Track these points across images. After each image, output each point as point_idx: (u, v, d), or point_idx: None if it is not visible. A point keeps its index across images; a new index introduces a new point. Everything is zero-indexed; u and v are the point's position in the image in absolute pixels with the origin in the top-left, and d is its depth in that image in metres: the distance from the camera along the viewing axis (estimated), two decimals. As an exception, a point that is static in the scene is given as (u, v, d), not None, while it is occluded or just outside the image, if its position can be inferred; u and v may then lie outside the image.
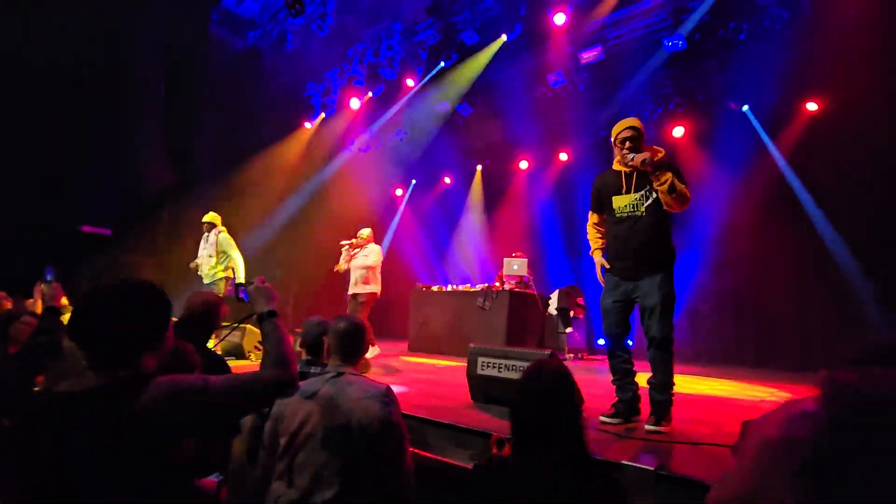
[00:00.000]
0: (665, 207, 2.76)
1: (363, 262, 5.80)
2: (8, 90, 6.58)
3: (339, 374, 1.84)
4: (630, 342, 3.11)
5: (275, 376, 1.30)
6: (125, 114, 7.92)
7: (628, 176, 2.87)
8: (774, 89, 6.72)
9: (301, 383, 1.82)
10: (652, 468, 2.02)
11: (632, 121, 2.92)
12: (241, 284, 1.62)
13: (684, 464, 2.15)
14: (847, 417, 0.39)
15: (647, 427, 2.66)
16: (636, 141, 2.84)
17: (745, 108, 7.30)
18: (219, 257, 5.65)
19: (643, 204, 2.80)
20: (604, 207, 3.01)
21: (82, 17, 7.07)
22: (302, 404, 1.75)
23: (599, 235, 3.13)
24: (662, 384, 2.72)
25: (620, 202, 2.88)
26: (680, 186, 2.70)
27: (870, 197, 6.09)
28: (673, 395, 2.76)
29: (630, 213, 2.83)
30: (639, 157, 2.75)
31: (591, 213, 3.16)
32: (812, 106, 6.72)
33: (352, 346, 1.91)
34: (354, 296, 5.80)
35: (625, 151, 2.83)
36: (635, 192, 2.83)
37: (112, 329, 1.13)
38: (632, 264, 2.83)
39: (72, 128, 7.42)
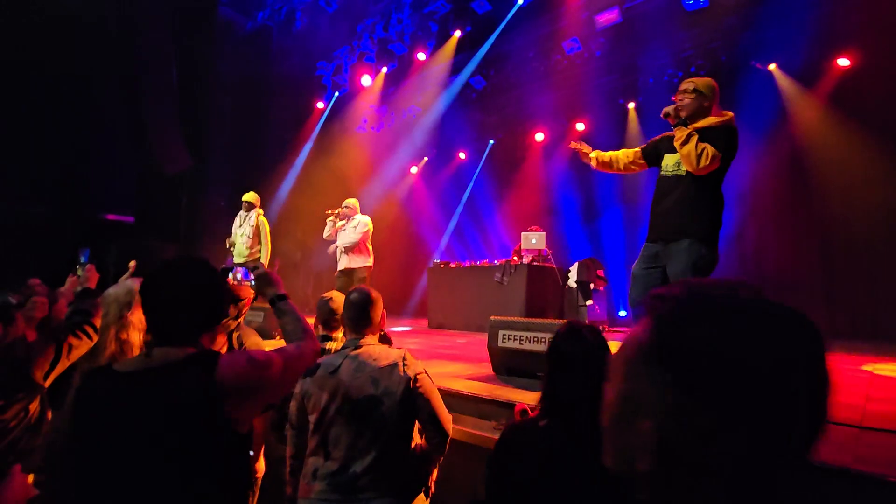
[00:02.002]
0: (684, 166, 2.66)
1: (353, 234, 5.40)
2: (22, 85, 6.66)
3: (357, 347, 1.85)
4: None
5: (312, 346, 1.38)
6: (140, 100, 7.98)
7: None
8: (803, 45, 6.39)
9: (322, 360, 1.85)
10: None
11: (695, 79, 2.75)
12: (244, 266, 1.65)
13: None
14: (670, 311, 0.49)
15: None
16: (687, 95, 2.68)
17: (773, 66, 6.98)
18: (255, 238, 5.71)
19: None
20: (655, 161, 2.91)
21: (91, 3, 7.07)
22: (327, 381, 1.77)
23: (609, 154, 3.04)
24: None
25: (669, 160, 2.82)
26: (693, 146, 2.56)
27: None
28: None
29: (674, 172, 2.76)
30: (666, 109, 2.75)
31: (634, 149, 3.02)
32: (844, 62, 6.39)
33: (363, 317, 1.90)
34: (349, 271, 5.41)
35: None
36: None
37: (178, 304, 1.15)
38: (663, 220, 2.75)
39: (89, 117, 7.52)
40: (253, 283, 1.56)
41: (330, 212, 5.59)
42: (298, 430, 1.84)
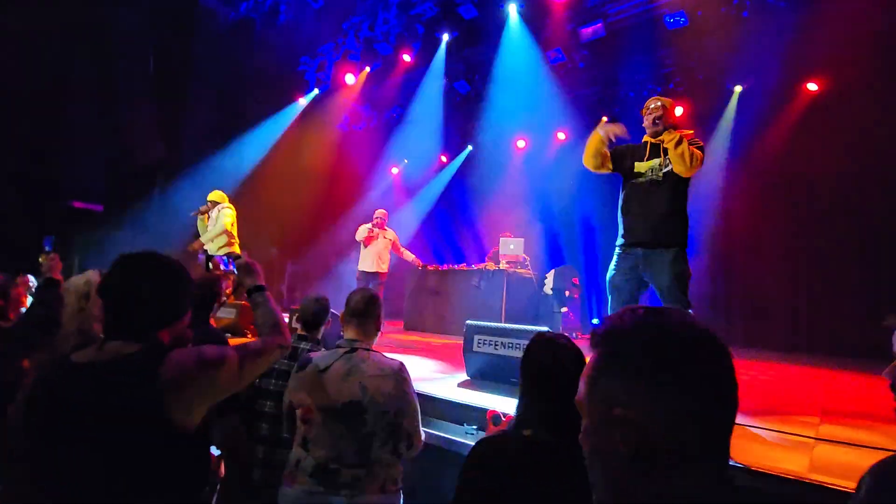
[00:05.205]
0: (674, 168, 2.76)
1: (386, 243, 6.08)
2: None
3: (353, 350, 1.81)
4: None
5: (279, 342, 1.38)
6: (114, 87, 7.73)
7: (653, 146, 2.90)
8: (776, 68, 6.64)
9: (315, 356, 1.85)
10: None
11: (661, 97, 2.97)
12: (231, 256, 1.64)
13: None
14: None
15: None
16: (659, 109, 2.87)
17: (738, 88, 7.26)
18: (225, 233, 5.55)
19: (661, 170, 2.83)
20: (623, 167, 2.98)
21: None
22: (315, 379, 1.75)
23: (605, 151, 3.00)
24: None
25: (641, 167, 2.90)
26: (686, 147, 2.71)
27: (870, 179, 6.09)
28: None
29: (650, 178, 2.85)
30: (653, 115, 2.86)
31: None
32: (812, 86, 6.66)
33: (366, 319, 1.88)
34: (376, 273, 6.00)
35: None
36: (656, 158, 2.86)
37: (135, 299, 1.15)
38: (644, 227, 2.82)
39: (60, 102, 7.24)
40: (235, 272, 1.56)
41: (370, 225, 6.05)
42: (289, 420, 1.83)
